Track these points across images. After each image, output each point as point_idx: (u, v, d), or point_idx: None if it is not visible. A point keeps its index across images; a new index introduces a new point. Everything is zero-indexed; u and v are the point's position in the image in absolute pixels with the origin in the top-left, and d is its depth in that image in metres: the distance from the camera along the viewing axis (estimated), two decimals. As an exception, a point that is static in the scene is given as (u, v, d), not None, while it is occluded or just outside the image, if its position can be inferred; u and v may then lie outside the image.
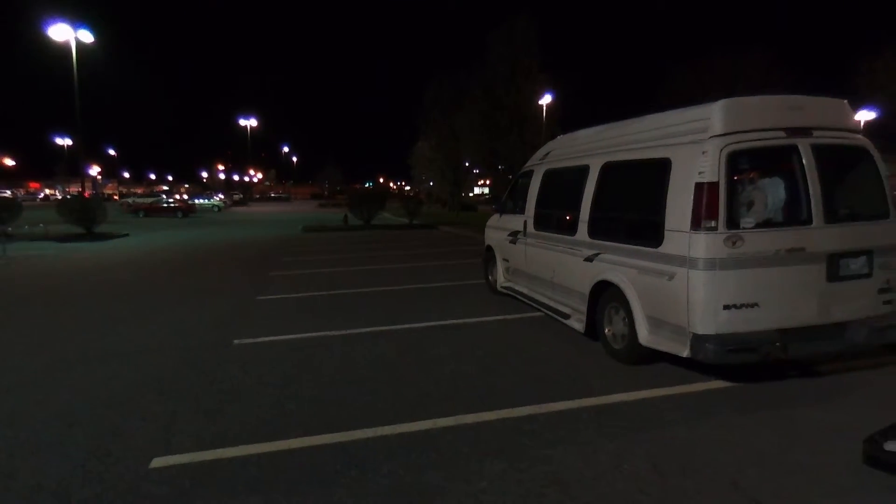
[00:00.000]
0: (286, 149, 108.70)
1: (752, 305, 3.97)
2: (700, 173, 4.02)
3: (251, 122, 71.21)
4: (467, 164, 34.99)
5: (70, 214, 19.09)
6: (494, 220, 8.27)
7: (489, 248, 8.33)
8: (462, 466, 3.13)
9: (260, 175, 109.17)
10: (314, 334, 6.05)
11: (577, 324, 5.49)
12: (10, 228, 16.79)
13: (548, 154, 6.84)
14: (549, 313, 6.11)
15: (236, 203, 59.87)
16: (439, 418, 3.78)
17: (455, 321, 6.57)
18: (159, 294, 8.82)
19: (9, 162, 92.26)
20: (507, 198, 7.84)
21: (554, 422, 3.71)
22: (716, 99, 4.16)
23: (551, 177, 6.52)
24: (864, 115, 24.80)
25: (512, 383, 4.48)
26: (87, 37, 26.28)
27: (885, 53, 25.65)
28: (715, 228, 3.93)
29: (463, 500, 2.81)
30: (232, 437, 3.55)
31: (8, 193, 62.65)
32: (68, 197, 23.80)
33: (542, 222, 6.54)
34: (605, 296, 5.10)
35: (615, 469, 3.08)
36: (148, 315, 7.24)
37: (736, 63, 27.35)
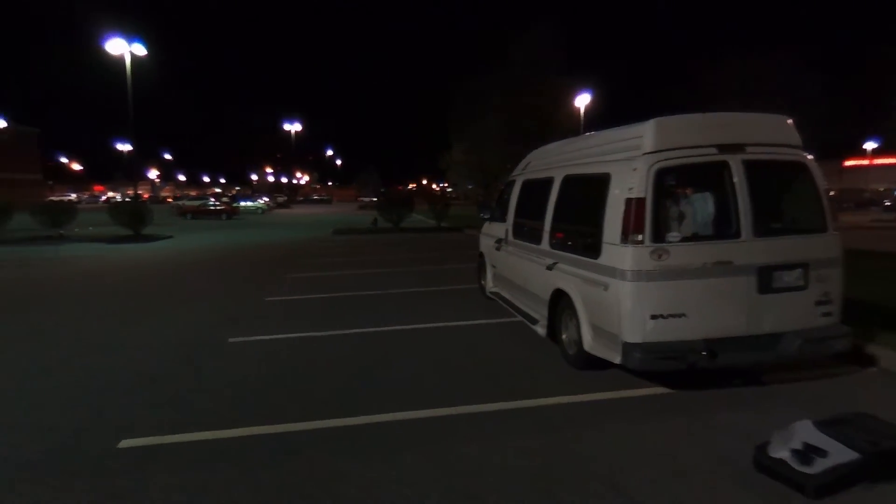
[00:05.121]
0: (330, 151, 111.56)
1: (679, 315, 4.14)
2: (630, 189, 4.23)
3: (296, 126, 73.79)
4: (509, 167, 35.16)
5: (120, 217, 20.56)
6: (486, 227, 8.57)
7: (481, 255, 8.64)
8: (376, 458, 3.50)
9: (307, 177, 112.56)
10: (303, 334, 6.53)
11: (542, 329, 5.74)
12: (62, 231, 18.31)
13: (528, 165, 7.10)
14: (523, 318, 6.38)
15: (280, 205, 61.99)
16: (376, 414, 4.15)
17: (439, 324, 6.92)
18: (175, 293, 9.59)
19: (76, 167, 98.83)
20: (496, 206, 8.13)
21: (480, 421, 4.02)
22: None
23: (527, 187, 6.78)
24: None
25: (460, 384, 4.80)
26: (140, 50, 28.23)
27: None
28: (642, 242, 4.13)
29: (367, 487, 3.18)
30: (191, 424, 4.03)
31: (73, 196, 67.44)
32: (120, 200, 25.57)
33: (518, 231, 6.82)
34: (561, 303, 5.34)
35: (504, 469, 3.36)
36: (156, 313, 7.96)
37: (763, 64, 26.44)
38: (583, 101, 30.63)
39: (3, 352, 6.08)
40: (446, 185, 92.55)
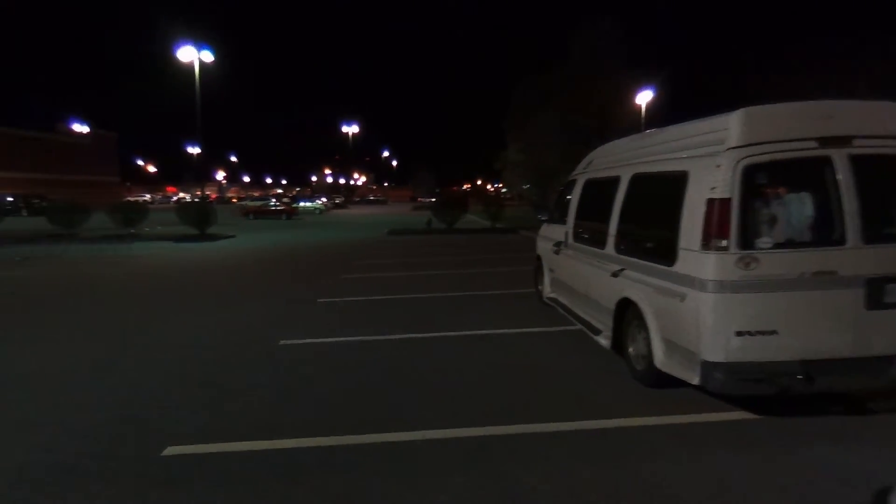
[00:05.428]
0: (386, 153, 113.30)
1: (770, 333, 3.63)
2: (713, 188, 3.75)
3: (354, 128, 75.37)
4: (562, 167, 34.39)
5: (187, 217, 21.49)
6: (543, 229, 8.16)
7: (538, 258, 8.23)
8: (427, 478, 3.21)
9: (363, 178, 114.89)
10: (354, 338, 6.37)
11: (605, 341, 5.30)
12: (132, 230, 19.32)
13: (590, 163, 6.65)
14: (584, 328, 5.95)
15: (337, 206, 63.36)
16: (428, 430, 3.87)
17: (494, 331, 6.59)
18: (231, 293, 9.73)
19: (151, 169, 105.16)
20: (555, 207, 7.71)
21: (540, 442, 3.66)
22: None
23: (590, 187, 6.34)
24: None
25: (517, 399, 4.45)
26: (208, 56, 29.56)
27: None
28: (726, 248, 3.65)
29: (416, 512, 2.90)
30: (238, 432, 3.90)
31: (147, 197, 71.62)
32: (187, 201, 26.81)
33: (579, 234, 6.38)
34: (628, 313, 4.89)
35: (575, 497, 3.00)
36: (211, 312, 8.06)
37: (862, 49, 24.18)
38: (644, 97, 29.40)
39: (57, 348, 6.24)
40: (501, 185, 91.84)
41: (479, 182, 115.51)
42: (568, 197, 6.98)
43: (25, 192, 43.63)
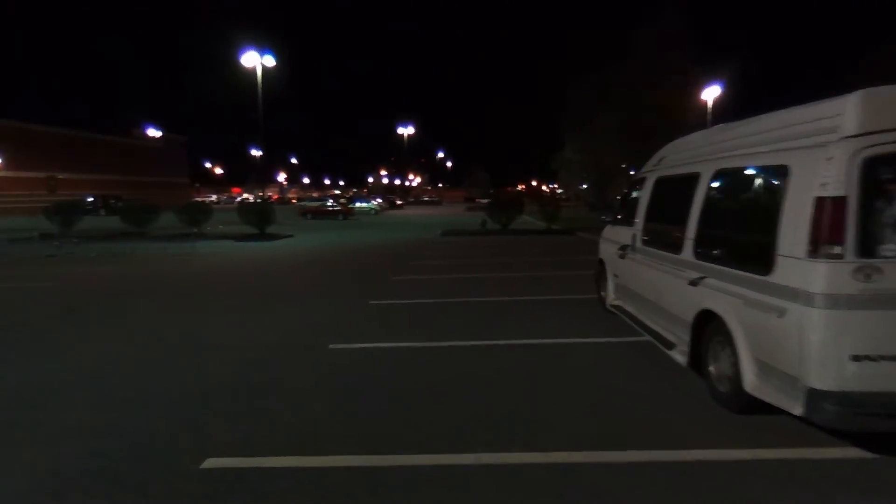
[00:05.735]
0: (441, 154, 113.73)
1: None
2: (823, 185, 3.17)
3: (409, 130, 76.04)
4: (623, 166, 33.19)
5: (248, 217, 22.11)
6: (607, 231, 7.60)
7: (601, 262, 7.68)
8: (483, 515, 2.84)
9: (418, 179, 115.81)
10: (405, 344, 6.09)
11: (680, 356, 4.74)
12: (196, 229, 20.04)
13: (661, 160, 6.06)
14: (654, 340, 5.40)
15: (392, 206, 63.98)
16: (483, 453, 3.50)
17: (552, 340, 6.14)
18: (284, 292, 9.71)
19: (218, 171, 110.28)
20: (620, 207, 7.14)
21: (609, 474, 3.21)
22: None
23: (662, 185, 5.76)
24: None
25: (580, 421, 3.99)
26: (269, 61, 30.44)
27: None
28: (841, 256, 3.07)
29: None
30: (281, 445, 3.66)
31: (214, 198, 75.01)
32: (249, 201, 27.68)
33: (650, 236, 5.81)
34: (709, 327, 4.32)
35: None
36: (262, 312, 8.01)
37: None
38: (711, 93, 27.75)
39: (102, 348, 6.24)
40: (556, 186, 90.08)
41: (533, 183, 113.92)
42: (635, 196, 6.42)
43: (104, 193, 46.56)
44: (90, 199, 42.82)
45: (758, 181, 3.93)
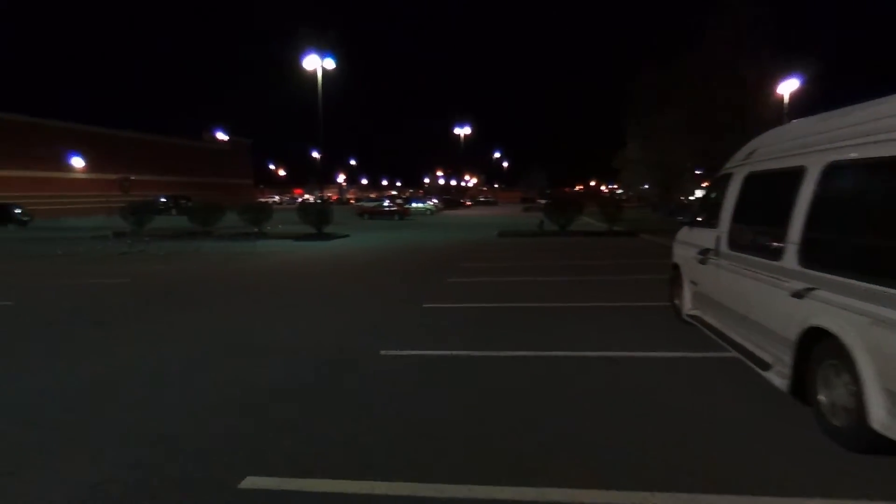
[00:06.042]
0: (497, 154, 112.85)
1: None
2: None
3: (466, 130, 75.80)
4: (688, 165, 31.46)
5: (307, 217, 22.49)
6: (683, 233, 6.90)
7: (675, 267, 6.99)
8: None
9: (474, 180, 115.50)
10: (459, 352, 5.69)
11: (779, 379, 4.08)
12: (257, 229, 20.56)
13: (752, 153, 5.35)
14: (743, 357, 4.73)
15: (447, 206, 63.91)
16: (547, 488, 3.03)
17: (621, 353, 5.57)
18: (337, 293, 9.56)
19: (281, 172, 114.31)
20: (700, 208, 6.44)
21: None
22: None
23: (754, 182, 5.06)
24: None
25: (654, 455, 3.43)
26: (330, 64, 31.00)
27: None
28: None
29: None
30: (325, 465, 3.35)
31: (276, 198, 77.71)
32: (309, 202, 28.23)
33: (739, 240, 5.12)
34: (819, 348, 3.65)
35: None
36: (314, 314, 7.87)
37: None
38: (788, 87, 25.63)
39: (148, 350, 6.14)
40: (616, 186, 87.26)
41: (591, 183, 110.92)
42: (720, 195, 5.72)
43: (175, 194, 49.07)
44: (163, 200, 45.22)
45: (888, 175, 3.25)
